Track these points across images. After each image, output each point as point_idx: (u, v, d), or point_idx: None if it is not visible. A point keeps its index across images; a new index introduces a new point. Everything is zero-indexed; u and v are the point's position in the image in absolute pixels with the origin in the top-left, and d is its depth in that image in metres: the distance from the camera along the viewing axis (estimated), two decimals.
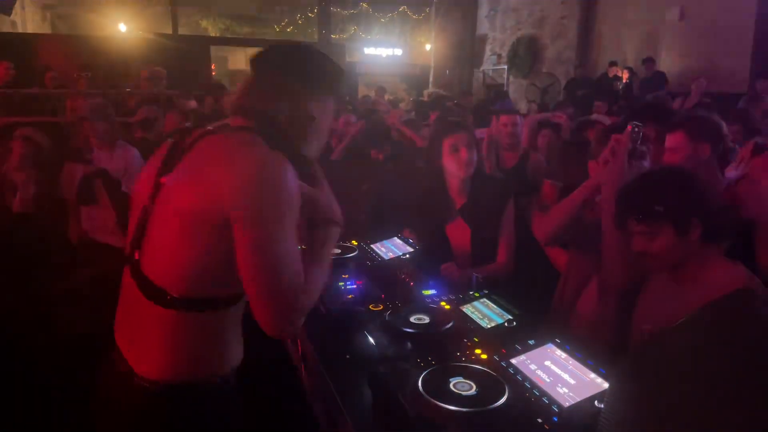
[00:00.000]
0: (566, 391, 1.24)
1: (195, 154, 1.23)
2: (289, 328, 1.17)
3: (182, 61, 9.75)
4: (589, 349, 1.39)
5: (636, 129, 1.83)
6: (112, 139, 3.57)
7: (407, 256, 2.20)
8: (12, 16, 12.31)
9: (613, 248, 1.79)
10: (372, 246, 2.33)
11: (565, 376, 1.29)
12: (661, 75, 8.79)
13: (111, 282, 1.37)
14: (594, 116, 4.52)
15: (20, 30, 13.09)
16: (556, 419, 1.15)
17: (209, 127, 1.28)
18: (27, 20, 13.99)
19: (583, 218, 1.98)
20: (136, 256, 1.23)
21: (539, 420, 1.15)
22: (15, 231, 3.62)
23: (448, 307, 1.72)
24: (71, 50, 9.29)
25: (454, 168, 2.27)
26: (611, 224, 1.70)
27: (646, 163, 1.93)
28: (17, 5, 12.28)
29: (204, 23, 16.65)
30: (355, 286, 1.87)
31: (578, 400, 1.20)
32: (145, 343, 1.22)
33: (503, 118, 3.51)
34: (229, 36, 16.39)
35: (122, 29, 13.66)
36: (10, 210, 3.64)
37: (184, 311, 1.19)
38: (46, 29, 14.87)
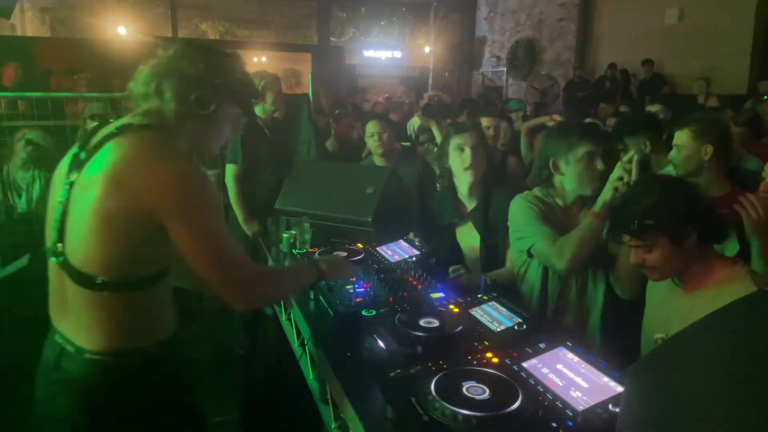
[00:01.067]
0: (580, 395, 1.23)
1: (106, 156, 1.33)
2: (251, 297, 1.44)
3: None
4: (601, 352, 1.38)
5: None
6: None
7: (414, 258, 2.19)
8: (11, 20, 12.29)
9: None
10: (378, 249, 2.32)
11: (578, 380, 1.28)
12: (660, 77, 8.81)
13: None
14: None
15: (19, 33, 13.08)
16: (570, 423, 1.14)
17: (114, 129, 1.37)
18: (26, 23, 13.98)
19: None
20: (60, 249, 1.36)
21: (554, 424, 1.14)
22: (20, 231, 3.63)
23: (457, 310, 1.71)
24: (71, 53, 9.28)
25: (459, 169, 2.27)
26: None
27: None
28: (16, 8, 12.26)
29: (204, 26, 16.64)
30: (363, 290, 1.86)
31: (592, 404, 1.20)
32: (78, 320, 1.38)
33: (484, 121, 3.52)
34: (228, 39, 16.38)
35: (122, 32, 13.64)
36: (13, 210, 3.65)
37: (111, 292, 1.33)
38: (45, 32, 14.83)
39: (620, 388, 1.22)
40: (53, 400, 1.40)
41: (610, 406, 1.18)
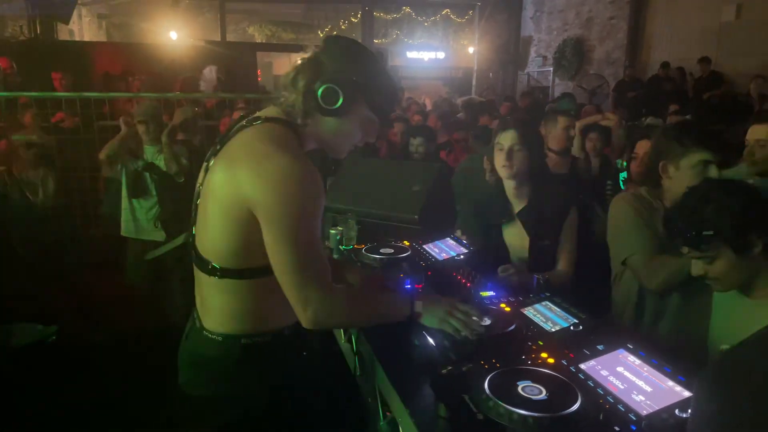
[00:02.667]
0: (643, 399, 1.17)
1: (229, 146, 1.37)
2: (320, 315, 1.31)
3: (230, 66, 9.95)
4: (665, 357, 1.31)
5: None
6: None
7: (461, 257, 2.15)
8: (69, 25, 12.84)
9: None
10: (424, 246, 2.29)
11: (641, 384, 1.22)
12: (718, 75, 8.45)
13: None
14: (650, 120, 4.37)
15: (77, 38, 13.67)
16: (634, 428, 1.09)
17: (244, 122, 1.41)
18: (84, 29, 14.61)
19: None
20: (193, 231, 1.43)
21: (616, 428, 1.09)
22: (43, 229, 3.79)
23: (508, 309, 1.67)
24: (126, 57, 9.62)
25: (498, 167, 2.21)
26: None
27: None
28: (75, 14, 12.80)
29: (251, 30, 17.00)
30: (412, 288, 1.83)
31: (657, 408, 1.13)
32: (201, 299, 1.45)
33: (562, 121, 3.35)
34: (274, 42, 16.66)
35: (173, 37, 14.06)
36: (33, 209, 3.80)
37: (221, 278, 1.36)
38: (101, 37, 15.47)
39: (687, 393, 1.15)
40: (180, 369, 1.50)
41: (676, 411, 1.12)
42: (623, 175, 3.17)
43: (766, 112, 2.47)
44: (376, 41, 14.88)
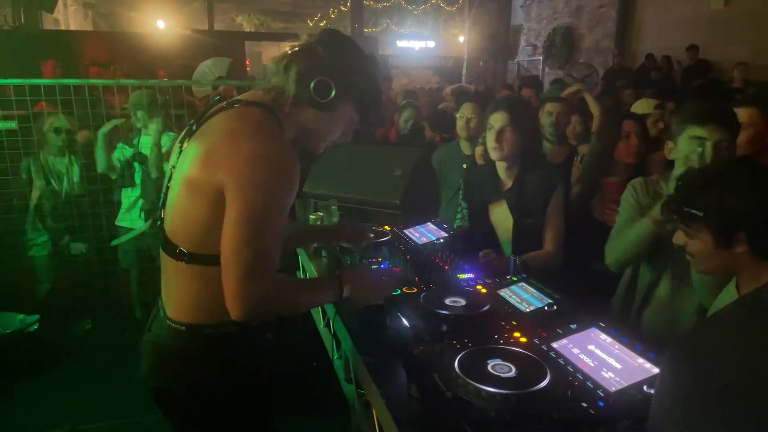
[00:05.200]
0: (612, 375, 1.17)
1: (206, 127, 1.33)
2: (253, 306, 1.21)
3: (219, 56, 9.86)
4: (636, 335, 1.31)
5: None
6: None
7: (441, 240, 2.14)
8: (54, 14, 12.67)
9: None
10: (405, 231, 2.28)
11: (611, 361, 1.22)
12: (706, 63, 8.46)
13: None
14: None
15: (63, 27, 13.49)
16: (602, 404, 1.08)
17: (224, 103, 1.37)
18: (69, 18, 14.42)
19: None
20: (162, 215, 1.38)
21: (584, 404, 1.08)
22: (67, 215, 3.76)
23: (484, 290, 1.66)
24: (112, 46, 9.51)
25: (488, 147, 2.20)
26: None
27: None
28: (60, 3, 12.63)
29: (239, 19, 16.85)
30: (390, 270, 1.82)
31: (626, 385, 1.13)
32: (167, 287, 1.39)
33: (549, 107, 3.27)
34: (263, 31, 16.54)
35: (160, 26, 13.91)
36: (59, 194, 3.76)
37: (188, 263, 1.30)
38: (87, 27, 15.28)
39: (656, 370, 1.15)
40: (142, 359, 1.42)
41: (644, 388, 1.11)
42: None
43: (748, 96, 2.44)
44: (366, 30, 14.79)
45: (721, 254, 1.34)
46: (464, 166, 2.78)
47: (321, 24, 16.50)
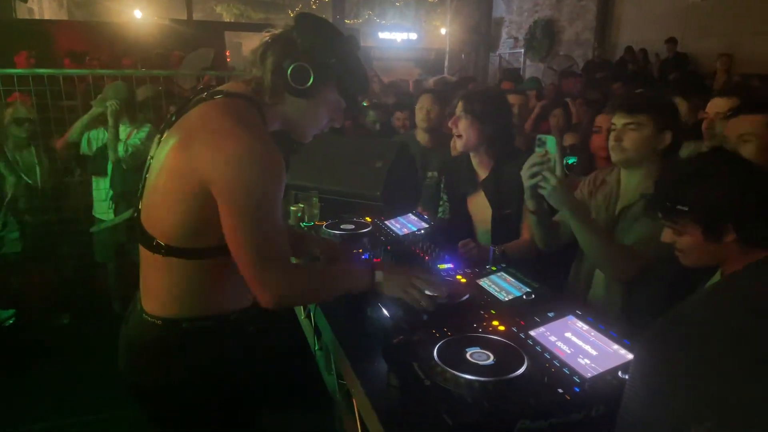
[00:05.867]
0: (588, 362, 1.19)
1: (185, 118, 1.30)
2: (281, 293, 1.25)
3: (197, 46, 9.74)
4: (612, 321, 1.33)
5: None
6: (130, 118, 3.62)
7: (422, 231, 2.15)
8: (29, 3, 12.38)
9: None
10: (386, 222, 2.29)
11: (587, 348, 1.24)
12: (683, 56, 8.58)
13: None
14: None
15: (37, 17, 13.18)
16: (577, 390, 1.10)
17: (204, 94, 1.35)
18: (44, 8, 14.09)
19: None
20: (139, 206, 1.36)
21: (560, 390, 1.10)
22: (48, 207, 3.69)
23: (464, 280, 1.67)
24: (87, 36, 9.33)
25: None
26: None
27: None
28: None
29: (219, 9, 16.63)
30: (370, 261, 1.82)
31: (601, 371, 1.15)
32: (144, 280, 1.38)
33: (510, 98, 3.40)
34: (243, 21, 16.35)
35: (138, 15, 13.67)
36: (34, 188, 3.69)
37: (165, 256, 1.29)
38: (62, 16, 14.95)
39: (631, 356, 1.17)
40: (119, 354, 1.41)
41: (619, 373, 1.14)
42: (572, 159, 3.06)
43: (731, 86, 2.44)
44: (347, 21, 14.71)
45: (711, 246, 1.32)
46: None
47: None
